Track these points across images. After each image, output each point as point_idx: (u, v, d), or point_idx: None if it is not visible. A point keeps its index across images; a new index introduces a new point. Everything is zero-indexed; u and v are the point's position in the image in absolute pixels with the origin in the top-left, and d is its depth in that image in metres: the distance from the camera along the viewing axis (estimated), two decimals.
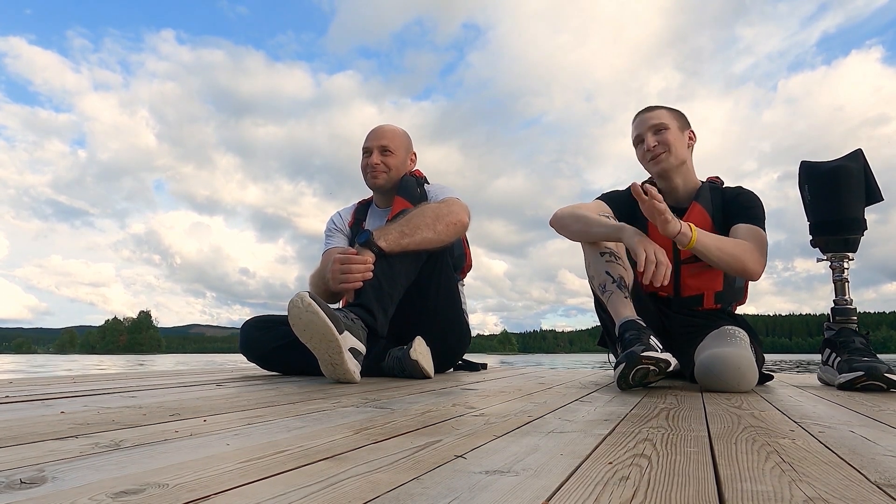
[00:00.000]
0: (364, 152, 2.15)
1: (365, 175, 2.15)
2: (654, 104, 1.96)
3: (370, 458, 0.60)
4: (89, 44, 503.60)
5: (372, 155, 2.11)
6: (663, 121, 1.86)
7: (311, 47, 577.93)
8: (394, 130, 2.17)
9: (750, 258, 1.62)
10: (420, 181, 2.16)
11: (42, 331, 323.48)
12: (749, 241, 1.66)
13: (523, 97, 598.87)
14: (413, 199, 2.03)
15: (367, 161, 2.12)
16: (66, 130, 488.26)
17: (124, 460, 0.56)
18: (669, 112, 1.90)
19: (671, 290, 1.85)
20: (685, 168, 1.87)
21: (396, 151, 2.12)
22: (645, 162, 1.89)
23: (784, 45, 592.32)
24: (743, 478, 0.54)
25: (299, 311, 1.48)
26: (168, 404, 1.04)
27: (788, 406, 1.19)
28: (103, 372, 4.38)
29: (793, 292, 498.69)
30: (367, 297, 1.70)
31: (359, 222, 2.26)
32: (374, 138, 2.14)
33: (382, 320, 1.72)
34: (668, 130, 1.85)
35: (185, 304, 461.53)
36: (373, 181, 2.13)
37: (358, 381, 1.56)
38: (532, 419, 0.92)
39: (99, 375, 1.83)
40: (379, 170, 2.10)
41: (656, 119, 1.87)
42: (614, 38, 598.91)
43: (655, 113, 1.90)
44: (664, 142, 1.85)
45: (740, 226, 1.73)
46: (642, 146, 1.88)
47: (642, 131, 1.89)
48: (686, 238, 1.54)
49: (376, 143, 2.12)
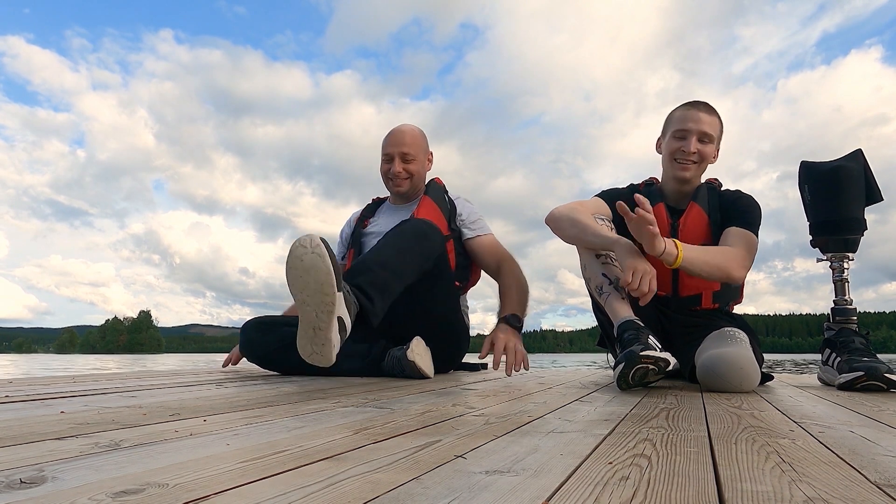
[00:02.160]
0: (385, 158, 2.18)
1: (387, 182, 2.21)
2: (710, 105, 1.84)
3: (370, 458, 0.60)
4: (88, 43, 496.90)
5: (394, 163, 2.14)
6: (713, 132, 1.81)
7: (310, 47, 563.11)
8: (413, 134, 2.20)
9: (733, 265, 1.61)
10: (444, 189, 2.24)
11: (42, 330, 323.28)
12: (735, 247, 1.66)
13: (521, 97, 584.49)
14: (441, 204, 2.15)
15: (388, 168, 2.16)
16: (65, 130, 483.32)
17: (124, 460, 0.56)
18: (720, 123, 1.84)
19: (669, 289, 1.85)
20: (699, 178, 1.87)
21: (417, 156, 2.17)
22: (670, 159, 1.83)
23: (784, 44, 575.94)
24: (743, 478, 0.54)
25: (304, 251, 1.30)
26: (168, 404, 1.04)
27: (788, 406, 1.19)
28: (103, 372, 4.38)
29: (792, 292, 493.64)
30: (366, 279, 1.57)
31: (364, 219, 2.28)
32: (395, 144, 2.16)
33: (380, 308, 1.58)
34: (711, 145, 1.81)
35: (184, 303, 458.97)
36: (396, 189, 2.18)
37: (332, 361, 1.37)
38: (532, 419, 0.92)
39: (99, 375, 1.83)
40: (401, 178, 2.16)
41: (708, 126, 1.79)
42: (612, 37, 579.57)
43: (711, 119, 1.81)
44: (702, 154, 1.80)
45: (732, 229, 1.72)
46: (678, 143, 1.80)
47: (690, 129, 1.80)
48: (672, 257, 1.52)
49: (397, 150, 2.15)
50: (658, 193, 1.87)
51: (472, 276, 2.24)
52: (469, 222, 2.19)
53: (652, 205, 1.87)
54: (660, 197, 1.86)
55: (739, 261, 1.63)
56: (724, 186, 1.92)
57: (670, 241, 1.55)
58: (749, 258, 1.67)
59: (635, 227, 1.50)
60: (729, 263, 1.61)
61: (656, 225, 1.49)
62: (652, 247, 1.50)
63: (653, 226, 1.47)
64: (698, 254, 1.58)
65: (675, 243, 1.55)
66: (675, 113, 1.85)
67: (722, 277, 1.63)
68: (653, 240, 1.49)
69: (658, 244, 1.50)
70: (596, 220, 1.73)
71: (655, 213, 1.85)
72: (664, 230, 1.83)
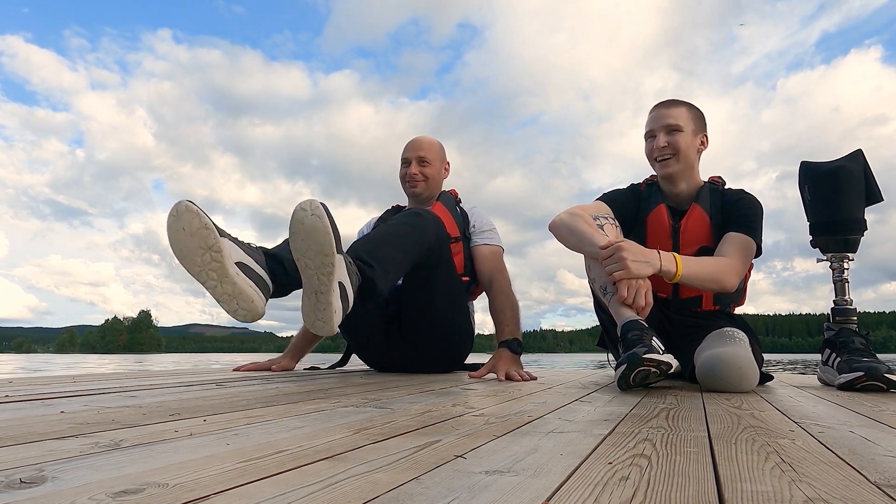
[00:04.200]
0: (403, 163, 2.33)
1: (404, 184, 2.33)
2: (675, 98, 1.89)
3: (370, 458, 0.60)
4: (86, 43, 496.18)
5: (411, 165, 2.29)
6: (679, 122, 1.80)
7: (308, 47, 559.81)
8: (430, 142, 2.34)
9: (725, 277, 1.63)
10: (456, 199, 2.36)
11: (42, 330, 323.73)
12: (730, 255, 1.66)
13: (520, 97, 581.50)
14: (453, 211, 2.27)
15: (406, 171, 2.30)
16: (64, 130, 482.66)
17: (124, 460, 0.56)
18: (689, 111, 1.83)
19: (670, 291, 1.85)
20: (691, 172, 1.84)
21: (433, 162, 2.30)
22: (652, 160, 1.86)
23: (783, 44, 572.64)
24: (743, 478, 0.54)
25: (305, 214, 1.30)
26: (168, 404, 1.04)
27: (788, 406, 1.19)
28: (103, 372, 4.38)
29: (792, 292, 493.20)
30: (364, 249, 1.54)
31: (381, 222, 2.31)
32: (413, 149, 2.31)
33: (382, 274, 1.52)
34: (682, 133, 1.80)
35: (184, 303, 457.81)
36: (412, 189, 2.30)
37: (334, 329, 1.36)
38: (532, 419, 0.92)
39: (99, 375, 1.82)
40: (417, 179, 2.28)
41: (672, 118, 1.81)
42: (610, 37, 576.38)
43: (674, 111, 1.82)
44: (674, 145, 1.80)
45: (730, 235, 1.72)
46: (652, 142, 1.83)
47: (655, 128, 1.83)
48: (671, 274, 1.56)
49: (414, 155, 2.29)
50: (659, 194, 1.87)
51: (479, 285, 2.26)
52: (479, 231, 2.28)
53: (653, 206, 1.86)
54: (661, 198, 1.86)
55: (732, 271, 1.64)
56: (727, 185, 1.91)
57: (669, 256, 1.57)
58: (743, 266, 1.68)
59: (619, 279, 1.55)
60: (722, 276, 1.62)
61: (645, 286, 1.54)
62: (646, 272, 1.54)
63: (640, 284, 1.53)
64: (695, 268, 1.60)
65: (675, 259, 1.57)
66: (647, 119, 1.89)
67: (716, 288, 1.65)
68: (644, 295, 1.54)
69: (653, 265, 1.54)
70: (598, 220, 1.73)
71: (657, 215, 1.85)
72: (666, 233, 1.83)
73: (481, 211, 2.35)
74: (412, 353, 2.06)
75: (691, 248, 1.79)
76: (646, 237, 1.85)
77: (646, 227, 1.86)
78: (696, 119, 1.83)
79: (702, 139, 1.84)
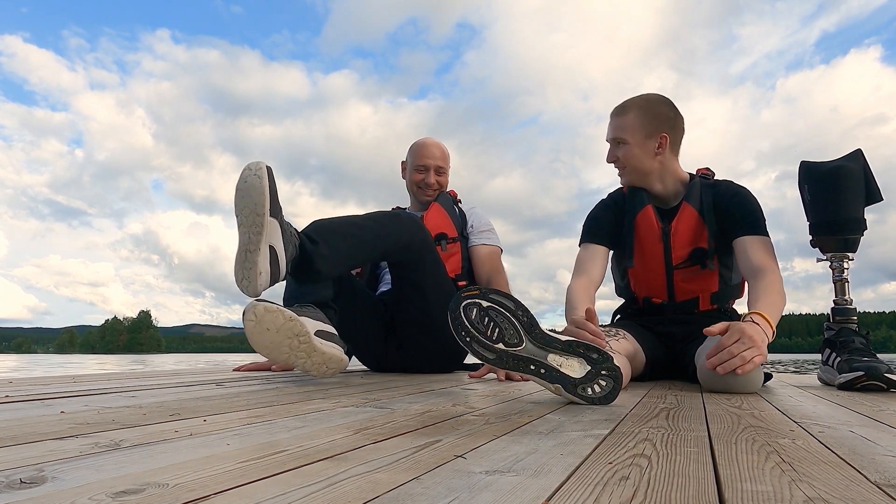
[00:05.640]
0: (419, 168, 2.33)
1: (416, 189, 2.35)
2: (627, 102, 1.80)
3: (370, 458, 0.60)
4: (85, 43, 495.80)
5: (429, 174, 2.32)
6: (625, 134, 1.76)
7: (307, 47, 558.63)
8: (444, 150, 2.39)
9: (783, 289, 1.58)
10: (454, 200, 2.39)
11: (42, 330, 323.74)
12: (768, 269, 1.60)
13: (519, 97, 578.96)
14: (450, 210, 2.29)
15: (423, 178, 2.32)
16: (63, 130, 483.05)
17: (124, 460, 0.56)
18: (638, 116, 1.76)
19: (665, 295, 1.84)
20: (660, 173, 1.80)
21: (447, 171, 2.38)
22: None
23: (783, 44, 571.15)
24: (743, 478, 0.54)
25: (249, 173, 1.32)
26: (168, 404, 1.04)
27: (788, 406, 1.19)
28: (103, 372, 4.38)
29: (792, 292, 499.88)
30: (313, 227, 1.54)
31: None
32: (430, 157, 2.34)
33: (325, 251, 1.49)
34: (626, 146, 1.76)
35: (184, 303, 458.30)
36: (425, 197, 2.33)
37: (258, 293, 1.35)
38: (532, 419, 0.92)
39: (99, 375, 1.82)
40: (433, 188, 2.33)
41: (618, 130, 1.78)
42: (608, 37, 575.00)
43: (620, 121, 1.78)
44: (621, 160, 1.78)
45: (748, 240, 1.68)
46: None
47: (607, 139, 1.83)
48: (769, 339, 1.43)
49: (434, 164, 2.32)
50: (643, 193, 1.84)
51: (478, 282, 2.25)
52: (477, 231, 2.29)
53: (640, 208, 1.82)
54: (647, 199, 1.83)
55: (779, 280, 1.60)
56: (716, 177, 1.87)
57: (765, 325, 1.41)
58: (778, 266, 1.65)
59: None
60: (783, 293, 1.58)
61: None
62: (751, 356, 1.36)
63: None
64: (776, 313, 1.50)
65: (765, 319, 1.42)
66: None
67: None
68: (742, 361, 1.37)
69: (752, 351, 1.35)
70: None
71: (645, 217, 1.81)
72: (656, 236, 1.79)
73: (480, 211, 2.36)
74: (410, 357, 2.06)
75: (683, 251, 1.78)
76: (634, 241, 1.83)
77: (634, 229, 1.83)
78: (648, 122, 1.76)
79: (659, 141, 1.76)
